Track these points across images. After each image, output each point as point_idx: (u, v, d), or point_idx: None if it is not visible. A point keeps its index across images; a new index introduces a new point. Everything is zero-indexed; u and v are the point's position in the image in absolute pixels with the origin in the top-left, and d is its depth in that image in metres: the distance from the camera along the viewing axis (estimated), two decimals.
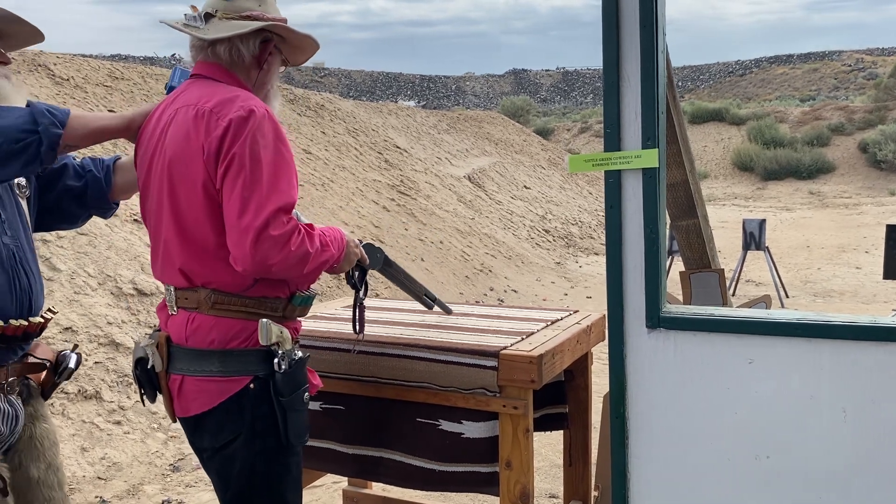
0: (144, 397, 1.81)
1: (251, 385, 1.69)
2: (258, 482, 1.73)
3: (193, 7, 1.77)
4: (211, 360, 1.69)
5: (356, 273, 1.95)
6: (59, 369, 1.81)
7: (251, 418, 1.70)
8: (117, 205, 2.01)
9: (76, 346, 1.94)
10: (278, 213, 1.59)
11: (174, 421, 1.81)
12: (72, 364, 1.82)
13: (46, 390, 1.84)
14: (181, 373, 1.72)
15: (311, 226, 1.70)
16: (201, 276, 1.70)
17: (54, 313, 1.86)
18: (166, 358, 1.74)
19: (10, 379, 1.70)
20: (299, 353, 1.74)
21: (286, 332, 1.71)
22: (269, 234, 1.57)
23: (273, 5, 1.81)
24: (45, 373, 1.81)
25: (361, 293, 1.99)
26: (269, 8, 1.79)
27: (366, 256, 1.94)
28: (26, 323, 1.70)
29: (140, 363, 1.77)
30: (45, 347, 1.82)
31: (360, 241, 1.95)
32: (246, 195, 1.59)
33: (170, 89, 1.87)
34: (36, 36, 1.82)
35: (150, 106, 1.83)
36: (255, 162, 1.60)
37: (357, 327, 2.04)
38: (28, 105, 1.59)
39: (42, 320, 1.76)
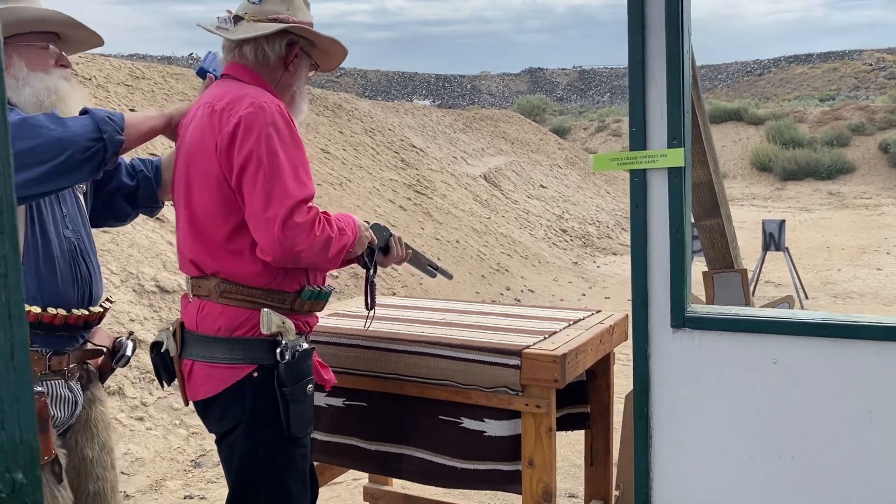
0: (163, 381, 1.88)
1: (254, 374, 1.74)
2: (260, 471, 1.77)
3: (229, 11, 1.82)
4: (217, 347, 1.75)
5: (365, 253, 2.01)
6: (115, 356, 1.89)
7: (252, 406, 1.74)
8: (163, 204, 2.09)
9: (132, 333, 2.01)
10: (301, 203, 1.67)
11: (186, 404, 1.88)
12: (128, 352, 1.92)
13: (104, 374, 1.94)
14: (191, 358, 1.80)
15: (326, 213, 1.76)
16: (210, 267, 1.77)
17: (112, 303, 1.94)
18: (180, 343, 1.81)
19: (70, 365, 1.79)
20: (305, 345, 1.77)
21: (289, 323, 1.75)
22: (294, 222, 1.64)
23: (302, 9, 1.86)
24: (102, 358, 1.89)
25: (371, 272, 2.04)
26: (297, 12, 1.83)
27: (375, 238, 2.00)
28: (87, 312, 1.79)
29: (156, 347, 1.85)
30: (104, 334, 1.92)
31: (368, 223, 2.01)
32: (269, 189, 1.65)
33: (200, 71, 1.95)
34: (95, 40, 1.91)
35: (188, 104, 1.89)
36: (272, 156, 1.66)
37: (368, 303, 2.09)
38: (86, 112, 1.65)
39: (101, 310, 1.85)
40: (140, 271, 4.75)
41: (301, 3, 1.86)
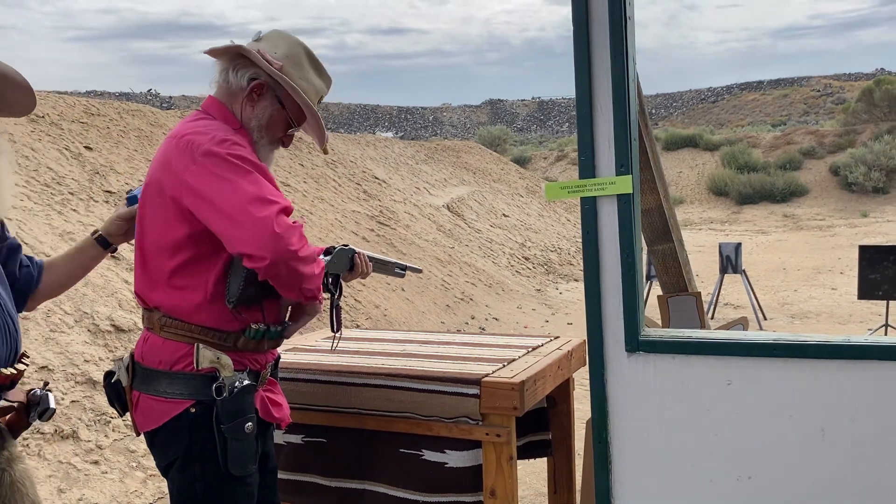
0: (118, 410, 1.85)
1: (192, 409, 1.72)
2: None
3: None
4: (159, 380, 1.74)
5: (329, 278, 1.99)
6: (30, 410, 1.76)
7: (188, 442, 1.73)
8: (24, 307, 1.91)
9: (47, 383, 1.91)
10: (287, 209, 1.66)
11: (137, 435, 1.85)
12: (51, 404, 1.79)
13: (15, 430, 1.79)
14: (138, 389, 1.78)
15: None
16: (152, 300, 1.77)
17: (27, 365, 1.83)
18: (131, 374, 1.79)
19: None
20: (246, 382, 1.73)
21: (225, 359, 1.73)
22: (286, 222, 1.63)
23: (298, 64, 1.81)
24: (12, 414, 1.75)
25: (337, 297, 2.02)
26: (285, 59, 1.79)
27: (340, 264, 1.99)
28: (15, 371, 1.65)
29: (108, 377, 1.83)
30: (15, 389, 1.78)
31: (333, 248, 1.99)
32: (255, 192, 1.63)
33: (131, 198, 1.89)
34: (27, 96, 1.75)
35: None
36: (244, 174, 1.64)
37: (334, 326, 2.07)
38: None
39: (25, 367, 1.74)
40: (95, 311, 4.65)
41: (301, 58, 1.82)
